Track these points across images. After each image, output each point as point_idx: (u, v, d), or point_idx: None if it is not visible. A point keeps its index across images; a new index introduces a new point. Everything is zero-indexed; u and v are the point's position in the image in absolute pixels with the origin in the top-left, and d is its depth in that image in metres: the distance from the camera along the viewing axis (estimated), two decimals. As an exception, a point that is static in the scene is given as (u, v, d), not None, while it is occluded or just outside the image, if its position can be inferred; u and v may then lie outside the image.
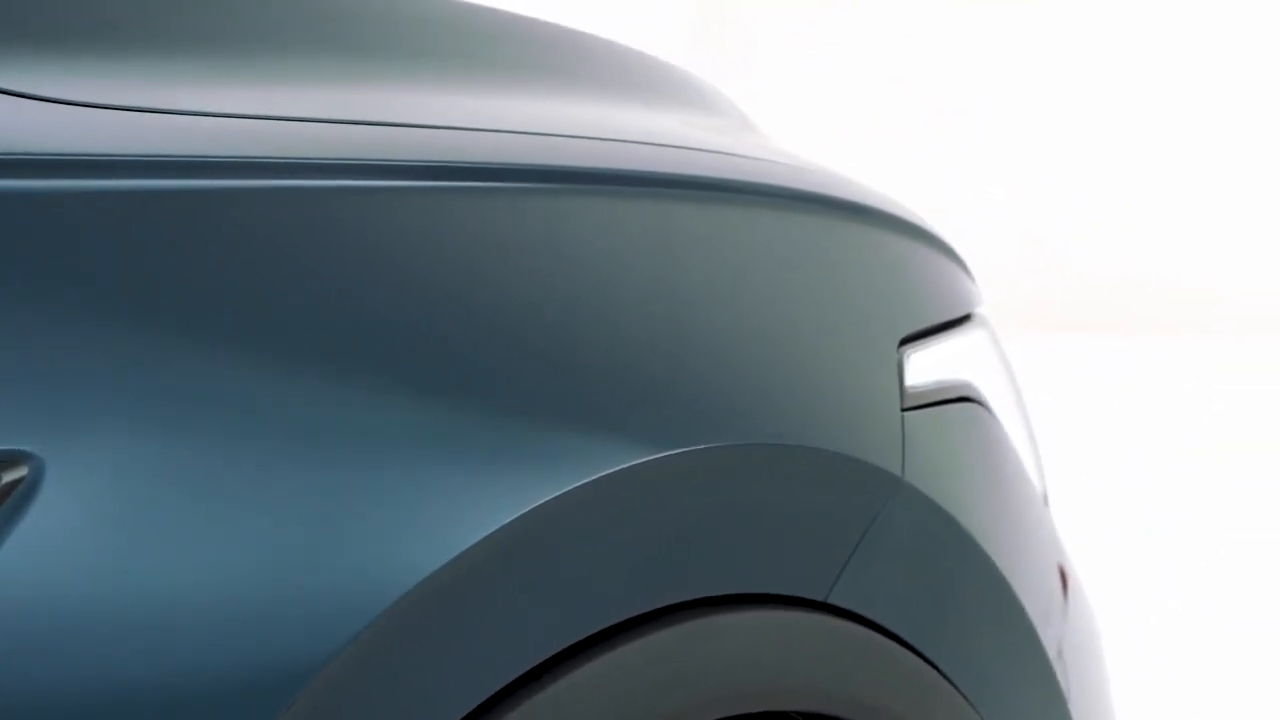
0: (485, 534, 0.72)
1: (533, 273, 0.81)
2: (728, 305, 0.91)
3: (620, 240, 0.88)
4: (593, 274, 0.84)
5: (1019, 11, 10.00)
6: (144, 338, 0.65)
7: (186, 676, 0.63)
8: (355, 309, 0.72)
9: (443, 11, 1.11)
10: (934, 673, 0.96)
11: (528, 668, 0.76)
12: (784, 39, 10.12)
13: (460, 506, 0.72)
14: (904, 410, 0.98)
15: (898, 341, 1.02)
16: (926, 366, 1.04)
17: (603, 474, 0.77)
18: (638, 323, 0.85)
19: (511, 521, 0.73)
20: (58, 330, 0.63)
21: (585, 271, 0.84)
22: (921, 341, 1.05)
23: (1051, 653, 1.09)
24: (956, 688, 0.98)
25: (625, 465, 0.79)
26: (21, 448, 0.61)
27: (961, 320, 1.14)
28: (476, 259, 0.79)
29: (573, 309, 0.82)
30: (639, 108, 1.19)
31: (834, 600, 0.91)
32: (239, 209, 0.72)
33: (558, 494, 0.75)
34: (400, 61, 1.01)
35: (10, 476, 0.60)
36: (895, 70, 10.15)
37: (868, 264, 1.06)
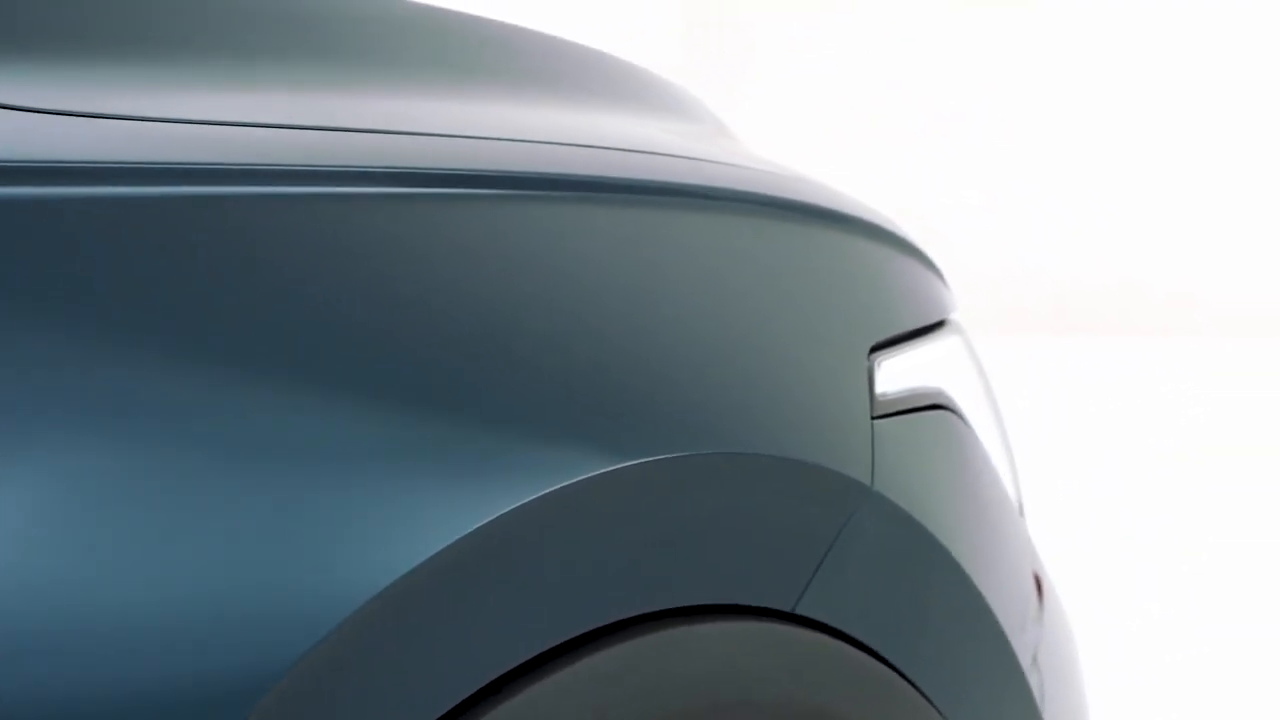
0: (450, 541, 0.71)
1: (502, 279, 0.80)
2: (695, 312, 0.90)
3: (590, 246, 0.87)
4: (561, 280, 0.84)
5: (1006, 19, 10.01)
6: (105, 343, 0.65)
7: (142, 685, 0.63)
8: (324, 314, 0.72)
9: (422, 18, 1.11)
10: (904, 682, 0.96)
11: (493, 678, 0.75)
12: (775, 44, 10.13)
13: (426, 514, 0.71)
14: (874, 418, 0.98)
15: (868, 348, 1.01)
16: (898, 374, 1.03)
17: (569, 483, 0.77)
18: (605, 330, 0.84)
19: (476, 530, 0.72)
20: (6, 332, 0.63)
21: (553, 278, 0.83)
22: (893, 348, 1.04)
23: (1025, 660, 1.08)
24: (927, 698, 0.97)
25: (591, 474, 0.78)
26: None
27: (935, 327, 1.13)
28: (446, 265, 0.79)
29: (540, 316, 0.81)
30: (613, 113, 1.18)
31: (801, 611, 0.90)
32: (202, 215, 0.71)
33: (523, 503, 0.74)
34: (381, 68, 1.01)
35: None
36: (884, 76, 10.17)
37: (839, 270, 1.05)
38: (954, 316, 1.19)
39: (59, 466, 0.62)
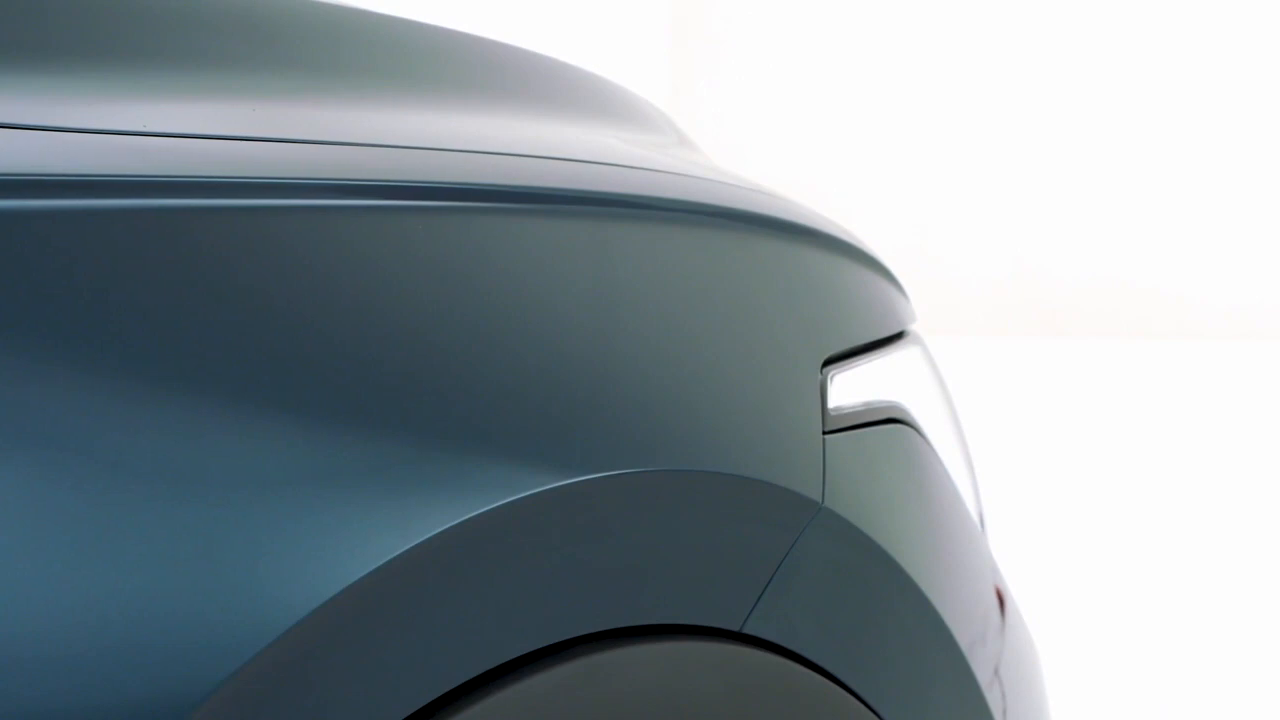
0: (380, 563, 0.70)
1: (447, 291, 0.79)
2: (642, 325, 0.89)
3: (538, 258, 0.86)
4: (507, 292, 0.82)
5: (1002, 19, 10.01)
6: (65, 352, 0.64)
7: (81, 693, 0.62)
8: (271, 327, 0.71)
9: (378, 29, 1.10)
10: (856, 702, 0.95)
11: (433, 698, 0.74)
12: (763, 52, 10.12)
13: (366, 529, 0.70)
14: (826, 433, 0.96)
15: (821, 362, 1.00)
16: (852, 387, 1.02)
17: (513, 499, 0.75)
18: (552, 343, 0.83)
19: (416, 546, 0.71)
20: None
21: (500, 289, 0.82)
22: (848, 361, 1.03)
23: (985, 675, 1.07)
24: (880, 717, 0.96)
25: (534, 491, 0.77)
26: None
27: (893, 339, 1.12)
28: (393, 276, 0.78)
29: (487, 328, 0.80)
30: (570, 123, 1.17)
31: (749, 630, 0.89)
32: (168, 228, 0.70)
33: (458, 521, 0.73)
34: (338, 79, 1.00)
35: None
36: (878, 79, 10.16)
37: (792, 282, 1.04)
38: (913, 328, 1.18)
39: (3, 476, 0.61)
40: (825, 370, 0.99)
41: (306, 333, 0.72)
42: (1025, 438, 6.24)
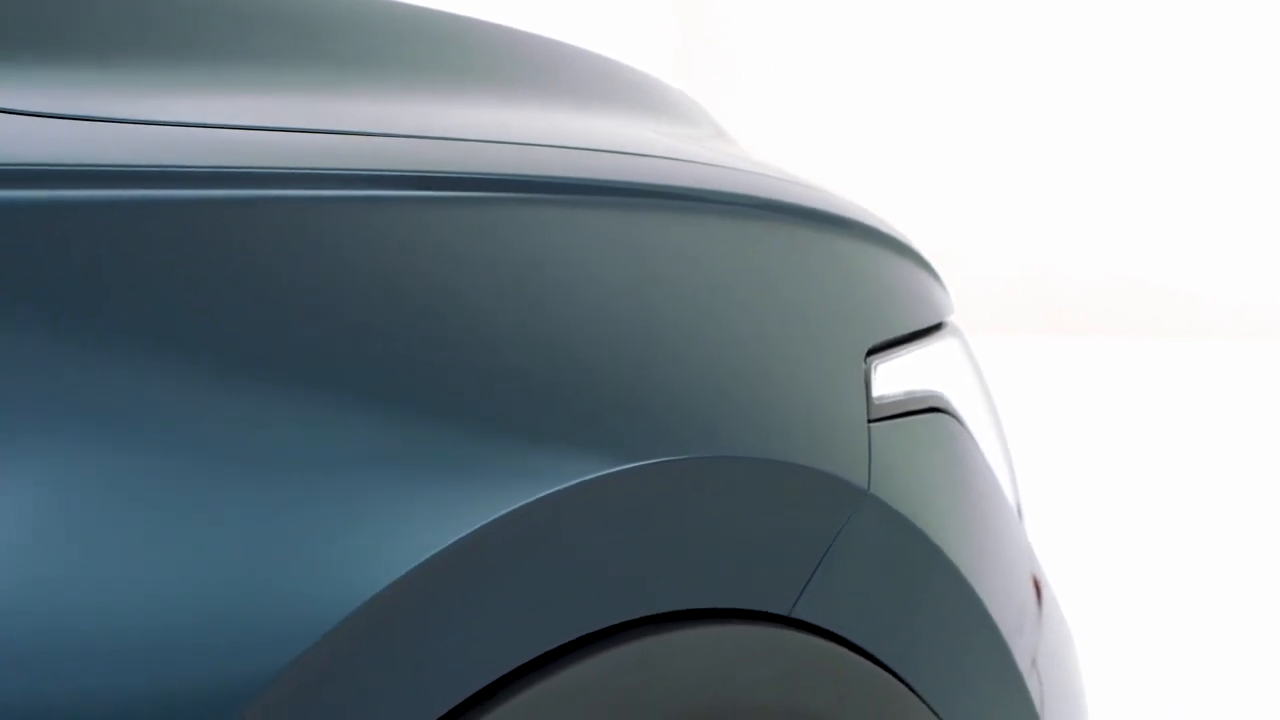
0: (444, 546, 0.71)
1: (498, 282, 0.80)
2: (691, 315, 0.90)
3: (587, 250, 0.87)
4: (557, 283, 0.83)
5: (1009, 17, 10.01)
6: (102, 346, 0.65)
7: (135, 686, 0.63)
8: (319, 318, 0.72)
9: (417, 21, 1.10)
10: (901, 687, 0.95)
11: (487, 683, 0.75)
12: (770, 46, 10.12)
13: (419, 518, 0.71)
14: (870, 422, 0.97)
15: (865, 351, 1.01)
16: (895, 377, 1.03)
17: (564, 487, 0.76)
18: (602, 333, 0.84)
19: (471, 534, 0.72)
20: (6, 338, 0.63)
21: (549, 281, 0.83)
22: (890, 351, 1.04)
23: (1024, 664, 1.08)
24: (924, 701, 0.97)
25: (586, 478, 0.78)
26: None
27: (932, 329, 1.13)
28: (443, 268, 0.78)
29: (536, 319, 0.81)
30: (610, 116, 1.18)
31: (798, 614, 0.90)
32: (203, 218, 0.71)
33: (518, 506, 0.74)
34: (378, 72, 1.00)
35: None
36: (884, 76, 10.16)
37: (836, 273, 1.05)
38: (951, 319, 1.19)
39: (53, 470, 0.62)
40: (869, 360, 1.00)
41: (356, 325, 0.73)
42: (1035, 436, 6.25)
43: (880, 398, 1.00)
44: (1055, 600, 1.20)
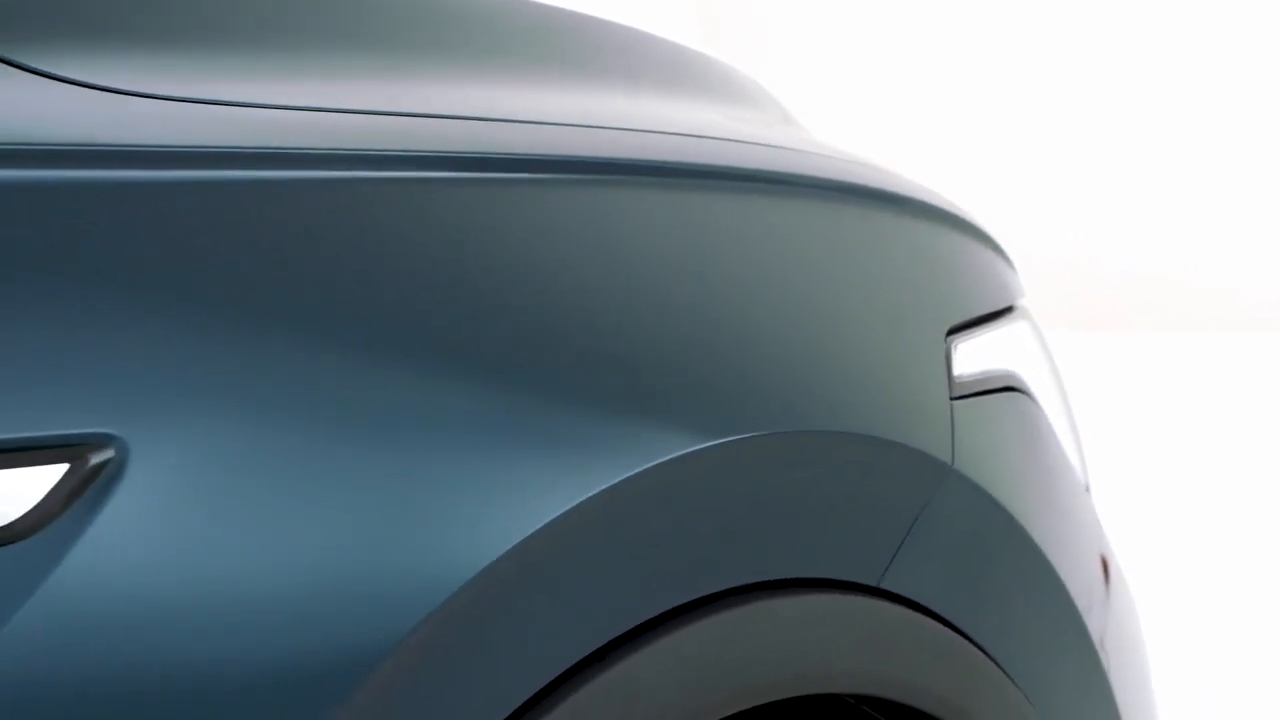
0: (545, 522, 0.73)
1: (586, 264, 0.82)
2: (781, 295, 0.92)
3: (672, 232, 0.89)
4: (645, 265, 0.86)
5: (1037, 5, 9.98)
6: (222, 326, 0.67)
7: (261, 655, 0.65)
8: (421, 301, 0.74)
9: (488, 6, 1.13)
10: (982, 657, 0.98)
11: (588, 653, 0.77)
12: (790, 33, 10.10)
13: (531, 490, 0.74)
14: (953, 399, 1.00)
15: (945, 331, 1.03)
16: (973, 356, 1.05)
17: (665, 459, 0.79)
18: (691, 313, 0.86)
19: (571, 509, 0.74)
20: (138, 318, 0.65)
21: (637, 263, 0.85)
22: (968, 332, 1.06)
23: (1095, 640, 1.10)
24: (1005, 671, 0.99)
25: (686, 451, 0.80)
26: (106, 430, 0.62)
27: (1004, 311, 1.15)
28: (548, 250, 0.81)
29: (627, 300, 0.83)
30: (683, 101, 1.20)
31: (886, 585, 0.92)
32: (320, 201, 0.73)
33: (617, 481, 0.77)
34: (447, 55, 1.03)
35: (97, 459, 0.62)
36: (911, 67, 10.14)
37: (915, 255, 1.07)
38: (1022, 302, 1.21)
39: (191, 448, 0.64)
40: (949, 339, 1.03)
41: (482, 304, 0.76)
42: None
43: (960, 376, 1.02)
44: (1123, 579, 1.22)
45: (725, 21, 9.77)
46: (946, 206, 1.15)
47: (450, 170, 0.81)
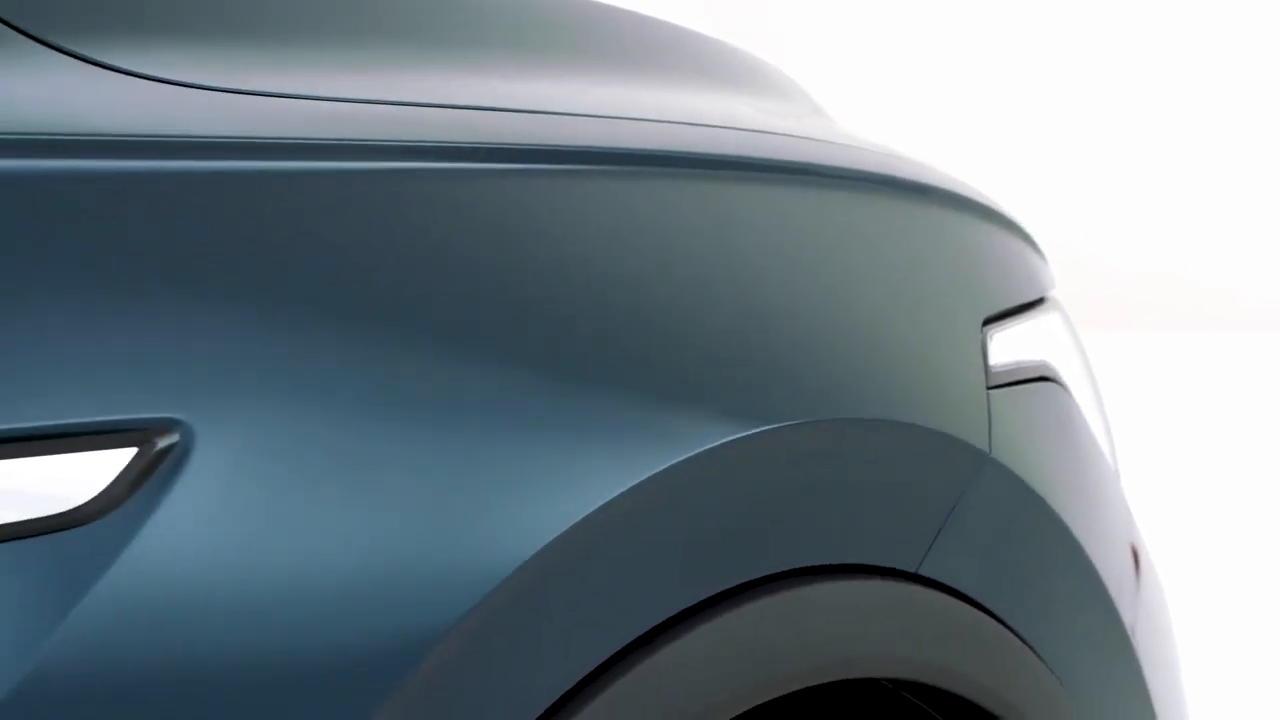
0: (590, 510, 0.74)
1: (627, 254, 0.83)
2: (819, 285, 0.93)
3: (713, 223, 0.90)
4: (686, 256, 0.86)
5: (1050, 6, 9.97)
6: (280, 315, 0.68)
7: (317, 639, 0.66)
8: (471, 293, 0.75)
9: (524, 3, 1.14)
10: (1018, 642, 0.99)
11: (631, 639, 0.78)
12: (803, 31, 10.10)
13: (577, 479, 0.75)
14: (989, 389, 1.00)
15: (981, 322, 1.04)
16: (1008, 347, 1.06)
17: (703, 449, 0.80)
18: (732, 304, 0.87)
19: (615, 498, 0.75)
20: (201, 306, 0.66)
21: (678, 254, 0.86)
22: (1002, 322, 1.07)
23: (1127, 627, 1.11)
24: (1040, 657, 1.00)
25: (725, 440, 0.81)
26: (173, 415, 0.63)
27: (1037, 302, 1.16)
28: (591, 241, 0.82)
29: (668, 290, 0.84)
30: (714, 93, 1.21)
31: (925, 571, 0.93)
32: (372, 191, 0.74)
33: (661, 469, 0.78)
34: (485, 48, 1.04)
35: (164, 443, 0.63)
36: (917, 67, 10.14)
37: (950, 246, 1.08)
38: (1053, 293, 1.21)
39: (251, 434, 0.65)
40: (985, 329, 1.04)
41: (531, 295, 0.77)
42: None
43: (996, 366, 1.03)
44: (1154, 570, 1.23)
45: (730, 16, 9.76)
46: (978, 198, 1.16)
47: (489, 162, 0.82)
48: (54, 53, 0.74)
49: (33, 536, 0.60)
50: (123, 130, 0.69)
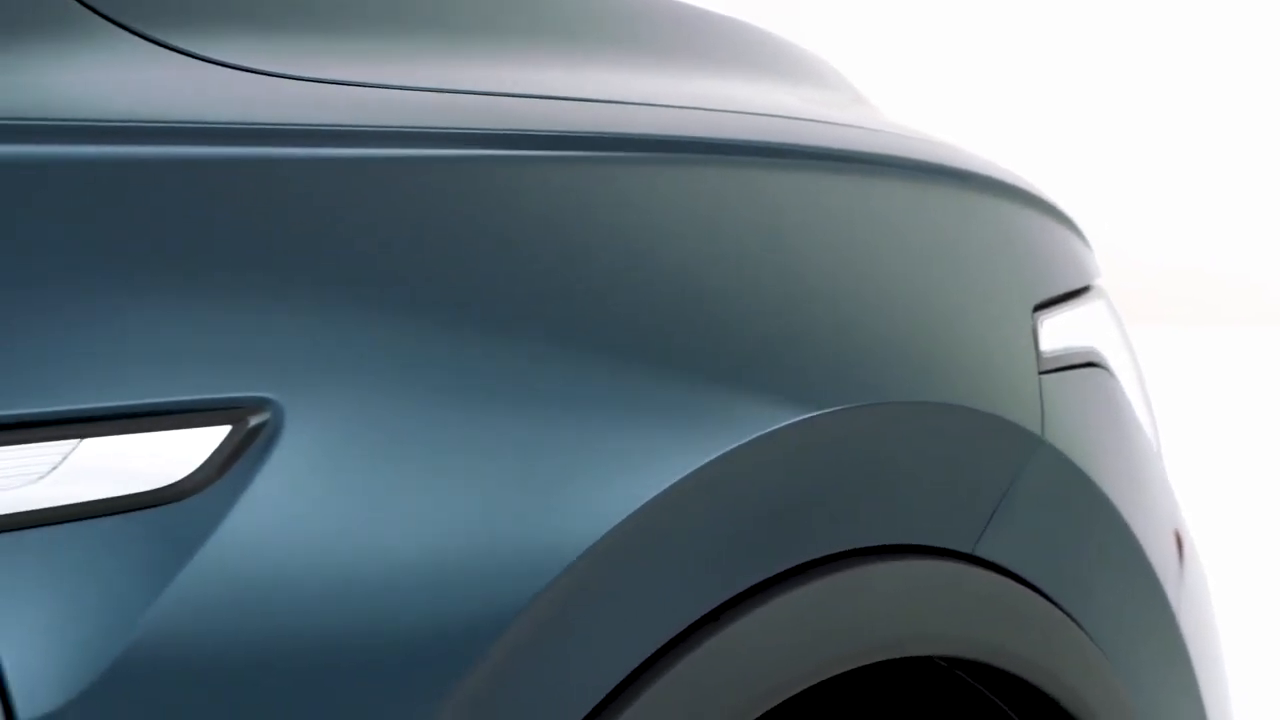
0: (659, 490, 0.76)
1: (706, 241, 0.85)
2: (877, 272, 0.95)
3: (767, 210, 0.91)
4: (743, 243, 0.88)
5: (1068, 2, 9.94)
6: (367, 300, 0.70)
7: (408, 612, 0.68)
8: (549, 279, 0.77)
9: None
10: (1069, 622, 1.00)
11: (693, 620, 0.80)
12: (811, 30, 10.09)
13: (646, 460, 0.77)
14: (1040, 374, 1.02)
15: (1031, 308, 1.05)
16: (1057, 332, 1.08)
17: (766, 431, 0.82)
18: (795, 291, 0.89)
19: (682, 479, 0.77)
20: (292, 289, 0.68)
21: (736, 241, 0.88)
22: (1052, 308, 1.08)
23: (1174, 610, 1.12)
24: (1090, 637, 1.02)
25: (788, 422, 0.83)
26: (264, 395, 0.65)
27: (1084, 290, 1.17)
28: (658, 228, 0.84)
29: (727, 276, 0.86)
30: (762, 82, 1.22)
31: (980, 552, 0.94)
32: (450, 179, 0.76)
33: (726, 450, 0.79)
34: (542, 39, 1.06)
35: (255, 421, 0.65)
36: (930, 62, 10.11)
37: (1002, 234, 1.10)
38: (1098, 281, 1.23)
39: (338, 414, 0.67)
40: (1035, 315, 1.05)
41: (601, 283, 0.79)
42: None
43: (1046, 351, 1.05)
44: (1198, 560, 1.24)
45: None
46: (1026, 186, 1.17)
47: (553, 150, 0.83)
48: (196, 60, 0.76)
49: (132, 511, 0.62)
50: (215, 119, 0.71)
